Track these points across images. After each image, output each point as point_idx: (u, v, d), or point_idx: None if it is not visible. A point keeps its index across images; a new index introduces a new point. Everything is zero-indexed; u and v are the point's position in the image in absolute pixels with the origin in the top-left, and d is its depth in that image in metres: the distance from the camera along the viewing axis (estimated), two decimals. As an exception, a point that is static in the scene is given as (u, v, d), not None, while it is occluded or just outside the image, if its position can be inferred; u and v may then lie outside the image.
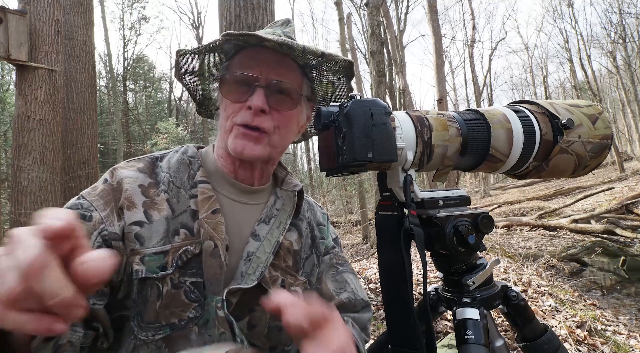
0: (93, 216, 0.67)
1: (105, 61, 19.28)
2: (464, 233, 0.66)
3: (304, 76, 0.79)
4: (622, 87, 23.62)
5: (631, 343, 2.98)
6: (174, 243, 0.68)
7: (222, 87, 0.76)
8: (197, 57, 0.81)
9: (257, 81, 0.72)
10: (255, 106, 0.70)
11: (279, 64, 0.74)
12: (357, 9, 18.73)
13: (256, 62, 0.73)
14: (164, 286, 0.66)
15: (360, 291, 0.90)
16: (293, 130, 0.79)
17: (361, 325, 0.86)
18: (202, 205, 0.72)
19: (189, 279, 0.68)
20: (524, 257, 5.17)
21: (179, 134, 14.87)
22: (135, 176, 0.73)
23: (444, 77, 9.72)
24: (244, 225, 0.77)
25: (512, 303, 0.75)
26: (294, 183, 0.87)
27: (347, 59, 0.76)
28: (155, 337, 0.66)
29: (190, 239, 0.70)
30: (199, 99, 0.89)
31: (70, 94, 4.94)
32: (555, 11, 27.55)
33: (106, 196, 0.70)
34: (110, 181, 0.72)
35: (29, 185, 3.72)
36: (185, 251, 0.68)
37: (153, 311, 0.65)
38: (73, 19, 5.10)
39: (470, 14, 23.64)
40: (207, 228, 0.70)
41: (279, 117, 0.74)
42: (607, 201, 10.66)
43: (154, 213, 0.70)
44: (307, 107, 0.82)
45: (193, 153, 0.81)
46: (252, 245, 0.74)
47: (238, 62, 0.75)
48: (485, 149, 0.72)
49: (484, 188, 20.49)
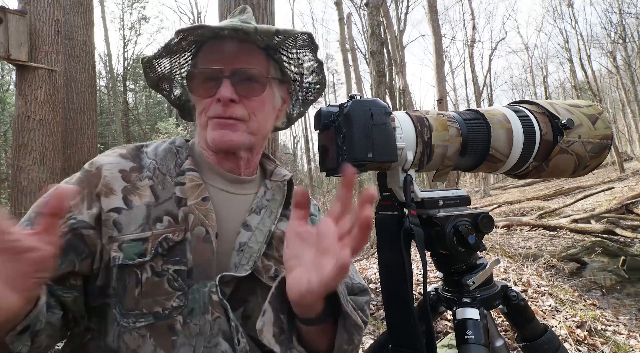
0: None
1: (105, 61, 19.28)
2: (464, 233, 0.66)
3: (270, 58, 0.79)
4: (622, 87, 23.62)
5: (631, 343, 2.98)
6: (154, 231, 0.68)
7: (190, 84, 0.76)
8: (164, 61, 0.81)
9: (221, 73, 0.72)
10: (223, 97, 0.71)
11: (240, 51, 0.74)
12: (357, 9, 18.74)
13: (218, 54, 0.73)
14: (143, 273, 0.66)
15: (356, 276, 0.90)
16: (269, 114, 0.79)
17: (359, 307, 0.85)
18: (192, 192, 0.72)
19: (172, 267, 0.67)
20: (524, 257, 5.17)
21: (179, 134, 14.86)
22: (116, 161, 0.73)
23: (444, 77, 9.73)
24: (233, 214, 0.77)
25: (512, 303, 0.75)
26: (283, 174, 0.87)
27: (304, 32, 0.76)
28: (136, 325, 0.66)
29: (174, 226, 0.69)
30: (177, 103, 0.89)
31: (70, 94, 4.95)
32: (555, 11, 27.55)
33: (78, 184, 0.70)
34: (88, 168, 0.72)
35: (29, 185, 3.72)
36: (165, 238, 0.68)
37: (132, 298, 0.65)
38: (73, 19, 5.11)
39: (470, 14, 23.65)
40: (197, 214, 0.70)
41: (250, 103, 0.74)
42: (607, 201, 10.65)
43: (135, 199, 0.69)
44: (280, 89, 0.82)
45: (181, 142, 0.81)
46: (244, 236, 0.74)
47: (201, 58, 0.76)
48: (485, 149, 0.73)
49: (484, 188, 20.49)
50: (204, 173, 0.78)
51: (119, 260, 0.65)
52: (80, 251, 0.66)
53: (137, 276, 0.66)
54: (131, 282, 0.65)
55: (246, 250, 0.73)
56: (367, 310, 0.87)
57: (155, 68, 0.81)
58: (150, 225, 0.68)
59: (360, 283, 0.89)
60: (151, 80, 0.83)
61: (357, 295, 0.88)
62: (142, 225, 0.68)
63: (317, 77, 0.86)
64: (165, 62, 0.81)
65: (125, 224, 0.67)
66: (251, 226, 0.76)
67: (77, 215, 0.66)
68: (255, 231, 0.76)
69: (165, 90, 0.86)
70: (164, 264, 0.67)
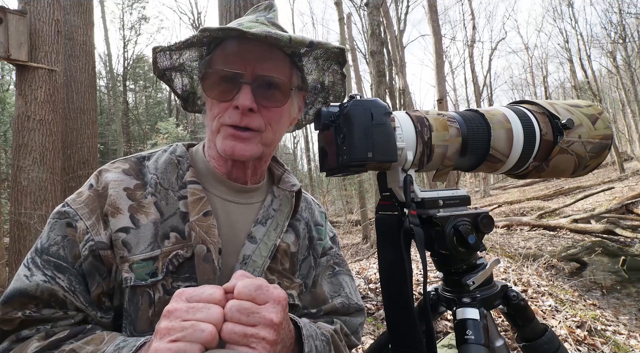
0: (78, 227, 0.65)
1: (105, 61, 19.28)
2: (464, 233, 0.66)
3: (293, 65, 0.74)
4: (622, 87, 23.61)
5: (631, 343, 2.98)
6: (163, 248, 0.66)
7: (206, 85, 0.70)
8: (176, 52, 0.75)
9: (242, 78, 0.67)
10: (242, 106, 0.66)
11: (265, 56, 0.68)
12: (357, 9, 18.73)
13: (240, 56, 0.67)
14: (155, 293, 0.64)
15: (354, 295, 0.88)
16: (285, 124, 0.75)
17: (352, 329, 0.85)
18: (193, 207, 0.70)
19: (182, 284, 0.66)
20: (524, 257, 5.17)
21: (179, 134, 14.84)
22: (120, 178, 0.70)
23: (444, 77, 9.72)
24: (238, 226, 0.74)
25: (512, 303, 0.75)
26: (292, 183, 0.83)
27: (338, 46, 0.71)
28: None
29: (182, 242, 0.67)
30: (183, 94, 0.83)
31: (70, 94, 4.94)
32: (555, 11, 27.62)
33: (91, 204, 0.67)
34: (96, 186, 0.70)
35: (29, 185, 3.72)
36: (175, 255, 0.66)
37: (146, 319, 0.64)
38: (73, 19, 5.10)
39: (470, 14, 23.65)
40: (198, 231, 0.68)
41: (269, 114, 0.69)
42: (607, 201, 10.65)
43: (141, 218, 0.67)
44: (298, 97, 0.77)
45: (182, 152, 0.77)
46: (249, 248, 0.72)
47: (220, 56, 0.70)
48: (485, 149, 0.72)
49: (484, 188, 20.49)
50: (208, 183, 0.76)
51: (131, 281, 0.64)
52: (101, 271, 0.66)
53: (150, 297, 0.64)
54: (144, 303, 0.64)
55: (250, 264, 0.71)
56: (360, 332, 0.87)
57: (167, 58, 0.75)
58: (158, 243, 0.66)
59: (357, 303, 0.88)
60: (159, 69, 0.76)
61: (351, 315, 0.87)
62: (152, 244, 0.66)
63: (339, 90, 0.81)
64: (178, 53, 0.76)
65: (134, 244, 0.65)
66: (256, 238, 0.73)
67: (95, 236, 0.65)
68: (260, 245, 0.73)
69: (171, 79, 0.80)
70: (173, 281, 0.66)
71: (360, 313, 0.88)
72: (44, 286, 0.62)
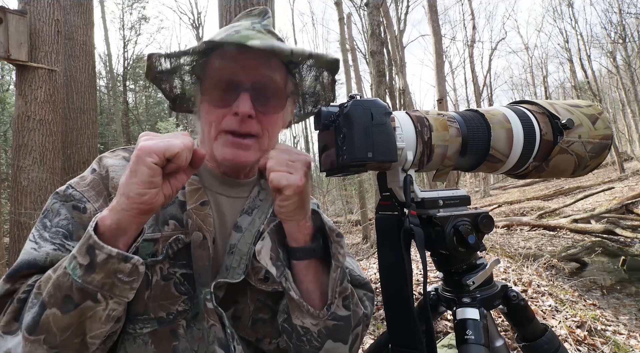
0: (87, 208, 0.67)
1: (105, 61, 19.26)
2: (464, 233, 0.66)
3: (288, 72, 0.76)
4: (622, 87, 23.60)
5: (631, 343, 2.98)
6: (163, 232, 0.68)
7: (204, 91, 0.72)
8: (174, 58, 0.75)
9: (241, 85, 0.68)
10: (242, 113, 0.67)
11: (263, 64, 0.70)
12: (357, 9, 18.72)
13: (239, 64, 0.69)
14: (153, 275, 0.66)
15: (357, 269, 0.86)
16: (279, 129, 0.78)
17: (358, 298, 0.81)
18: (191, 196, 0.72)
19: (179, 270, 0.68)
20: (524, 257, 5.17)
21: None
22: (121, 164, 0.72)
23: (444, 77, 9.72)
24: (228, 218, 0.77)
25: (512, 303, 0.75)
26: None
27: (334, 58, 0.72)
28: (143, 330, 0.65)
29: (180, 230, 0.70)
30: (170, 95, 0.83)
31: (70, 94, 4.95)
32: (555, 11, 27.53)
33: (97, 187, 0.70)
34: (99, 170, 0.72)
35: (29, 185, 3.72)
36: (176, 239, 0.68)
37: (142, 301, 0.65)
38: (73, 19, 5.11)
39: (470, 14, 23.65)
40: (195, 219, 0.70)
41: (266, 119, 0.71)
42: (607, 201, 10.65)
43: None
44: (291, 102, 0.80)
45: None
46: (234, 237, 0.74)
47: (218, 63, 0.71)
48: (485, 149, 0.72)
49: (484, 188, 20.48)
50: (202, 177, 0.78)
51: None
52: None
53: (147, 278, 0.66)
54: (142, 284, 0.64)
55: (236, 252, 0.72)
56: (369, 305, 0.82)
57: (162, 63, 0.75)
58: (159, 227, 0.69)
59: (360, 276, 0.85)
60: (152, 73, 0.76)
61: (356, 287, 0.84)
62: (152, 226, 0.68)
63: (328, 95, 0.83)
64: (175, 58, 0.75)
65: None
66: (242, 228, 0.75)
67: None
68: (244, 233, 0.75)
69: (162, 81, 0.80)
70: (170, 267, 0.67)
71: (364, 287, 0.84)
72: (53, 255, 0.62)
